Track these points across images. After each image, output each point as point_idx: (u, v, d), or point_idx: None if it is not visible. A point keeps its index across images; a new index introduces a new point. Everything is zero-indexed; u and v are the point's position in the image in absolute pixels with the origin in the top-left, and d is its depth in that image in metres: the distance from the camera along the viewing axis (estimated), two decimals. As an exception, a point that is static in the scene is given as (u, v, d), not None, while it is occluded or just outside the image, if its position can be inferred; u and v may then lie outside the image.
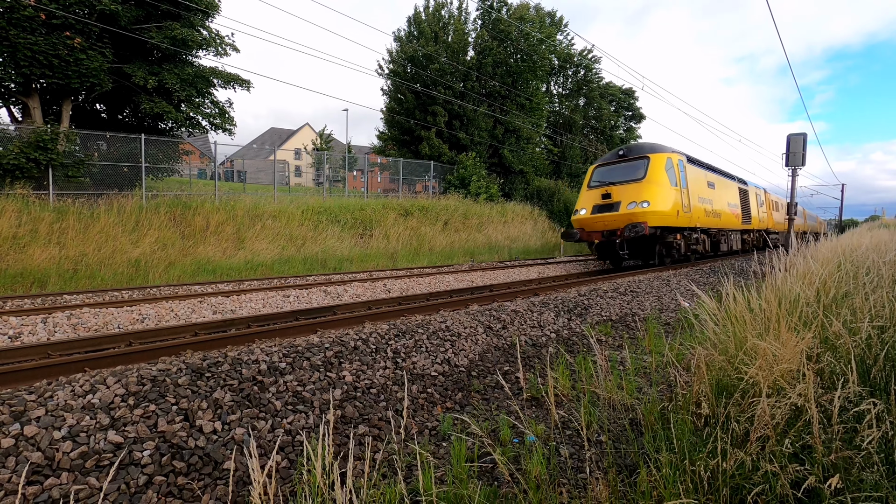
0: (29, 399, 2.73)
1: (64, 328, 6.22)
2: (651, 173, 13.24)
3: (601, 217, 13.50)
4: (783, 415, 2.25)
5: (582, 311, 7.08)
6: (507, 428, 3.36)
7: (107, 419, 2.70)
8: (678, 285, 10.30)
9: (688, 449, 2.35)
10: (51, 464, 2.40)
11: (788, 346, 2.54)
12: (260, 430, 3.00)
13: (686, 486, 2.13)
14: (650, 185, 13.05)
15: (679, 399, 2.96)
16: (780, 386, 2.50)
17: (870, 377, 2.82)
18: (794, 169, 15.92)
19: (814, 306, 3.45)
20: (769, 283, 4.16)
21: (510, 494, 2.57)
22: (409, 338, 4.74)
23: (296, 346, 4.06)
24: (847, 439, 2.33)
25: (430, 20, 25.64)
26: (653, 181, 13.10)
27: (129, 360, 4.37)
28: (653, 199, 12.79)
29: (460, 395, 4.18)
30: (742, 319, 3.28)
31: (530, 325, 6.00)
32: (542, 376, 4.56)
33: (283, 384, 3.47)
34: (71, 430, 2.57)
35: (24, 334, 5.87)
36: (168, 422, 2.81)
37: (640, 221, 12.46)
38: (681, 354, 4.08)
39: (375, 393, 3.77)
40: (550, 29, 29.19)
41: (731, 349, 3.08)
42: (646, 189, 13.02)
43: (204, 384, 3.22)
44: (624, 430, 3.18)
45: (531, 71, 26.42)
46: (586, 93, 35.12)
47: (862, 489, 2.05)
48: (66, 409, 2.70)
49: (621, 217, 12.97)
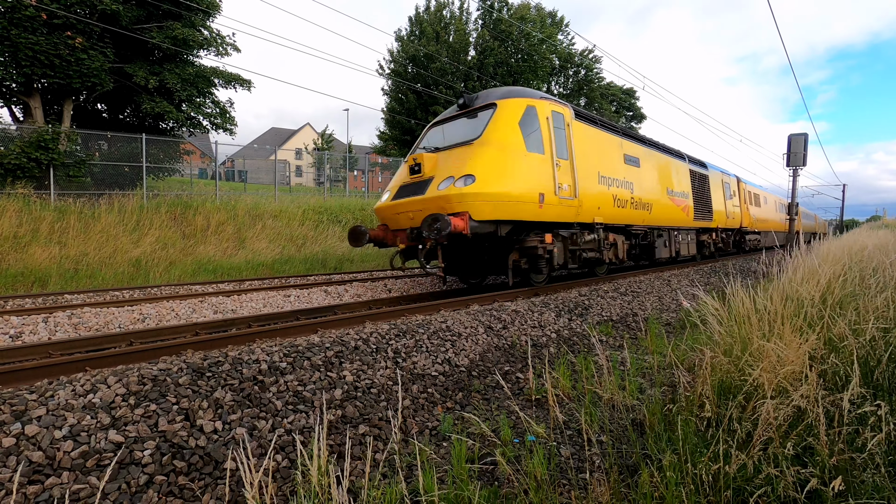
0: (30, 398, 2.73)
1: (65, 327, 6.22)
2: (492, 130, 7.84)
3: (404, 204, 7.91)
4: (786, 417, 2.24)
5: (583, 311, 7.07)
6: (508, 428, 3.35)
7: (108, 419, 2.70)
8: (679, 285, 10.29)
9: (690, 451, 2.34)
10: (52, 463, 2.39)
11: (792, 347, 2.53)
12: (260, 430, 2.99)
13: (688, 488, 2.12)
14: (484, 148, 7.66)
15: (682, 400, 2.95)
16: (783, 387, 2.49)
17: (873, 378, 2.81)
18: (795, 169, 15.89)
19: (819, 307, 3.44)
20: (774, 283, 4.15)
21: (511, 494, 2.57)
22: (409, 337, 4.73)
23: (296, 345, 4.05)
24: (850, 441, 2.32)
25: (432, 20, 25.65)
26: (491, 142, 7.71)
27: (130, 359, 4.37)
28: (482, 173, 7.33)
29: (461, 394, 4.17)
30: (747, 320, 3.27)
31: (531, 325, 5.99)
32: (543, 376, 4.55)
33: (284, 384, 3.47)
34: (72, 429, 2.57)
35: (25, 333, 5.87)
36: (169, 421, 2.81)
37: (456, 211, 7.14)
38: (683, 355, 4.07)
39: (376, 393, 3.76)
40: (551, 29, 29.20)
41: (734, 350, 3.07)
42: (475, 156, 7.57)
43: (205, 384, 3.21)
44: (626, 431, 3.17)
45: (532, 71, 26.42)
46: (587, 92, 35.13)
47: (864, 491, 2.04)
48: (67, 409, 2.70)
49: (428, 203, 7.49)
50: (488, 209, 7.26)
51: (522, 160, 7.81)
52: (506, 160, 7.64)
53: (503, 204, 7.40)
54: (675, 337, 5.48)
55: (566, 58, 33.34)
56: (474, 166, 7.40)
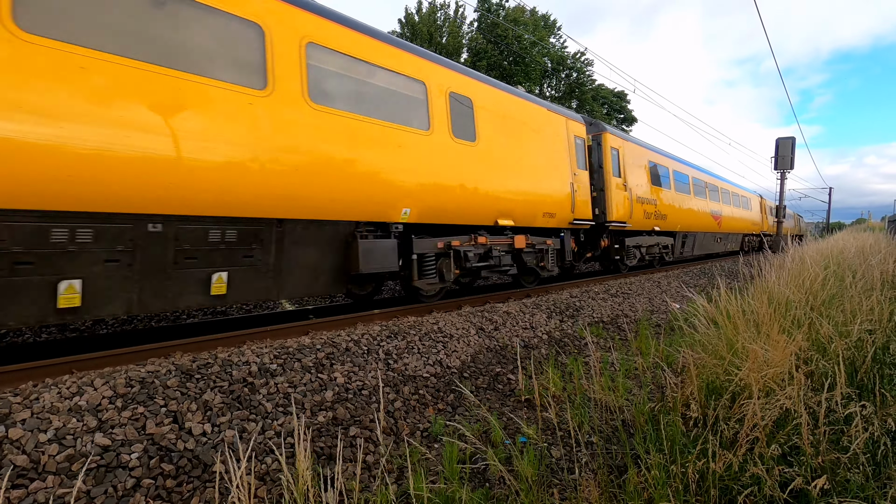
0: (14, 401, 2.69)
1: (51, 329, 6.13)
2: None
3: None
4: (772, 417, 2.27)
5: (574, 312, 7.10)
6: (499, 430, 3.35)
7: (94, 421, 2.66)
8: (668, 287, 10.37)
9: (678, 450, 2.37)
10: (36, 467, 2.36)
11: (779, 348, 2.57)
12: (250, 432, 2.97)
13: (675, 487, 2.14)
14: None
15: (668, 401, 2.98)
16: (769, 388, 2.52)
17: (858, 379, 2.86)
18: (782, 172, 16.10)
19: (805, 308, 3.49)
20: (759, 285, 4.21)
21: (502, 495, 2.57)
22: (400, 339, 4.73)
23: (287, 347, 4.03)
24: (834, 440, 2.35)
25: (425, 20, 25.69)
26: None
27: (118, 361, 4.32)
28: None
29: (452, 396, 4.17)
30: (733, 321, 3.31)
31: (522, 327, 6.01)
32: (535, 377, 4.57)
33: (274, 385, 3.45)
34: (57, 432, 2.53)
35: (10, 335, 5.78)
36: (157, 424, 2.78)
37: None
38: (671, 356, 4.11)
39: (367, 395, 3.75)
40: (543, 32, 29.37)
41: (721, 351, 3.10)
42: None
43: (193, 386, 3.19)
44: (615, 431, 3.19)
45: (525, 73, 26.55)
46: (579, 95, 35.34)
47: (849, 489, 2.08)
48: (52, 412, 2.66)
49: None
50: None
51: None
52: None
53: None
54: (664, 338, 5.53)
55: (558, 61, 33.54)
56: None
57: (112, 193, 3.72)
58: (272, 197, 4.67)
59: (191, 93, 4.10)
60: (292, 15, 4.95)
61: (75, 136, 3.49)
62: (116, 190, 3.73)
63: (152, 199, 3.93)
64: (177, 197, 4.05)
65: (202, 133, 4.15)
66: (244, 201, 4.49)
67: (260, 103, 4.57)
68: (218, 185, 4.27)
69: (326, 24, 5.30)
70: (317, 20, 5.19)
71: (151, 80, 3.88)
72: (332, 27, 5.36)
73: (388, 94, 5.96)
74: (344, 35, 5.48)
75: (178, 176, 4.01)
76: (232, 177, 4.35)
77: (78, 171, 3.52)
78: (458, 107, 6.92)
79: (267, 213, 4.70)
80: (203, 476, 2.63)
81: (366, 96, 5.66)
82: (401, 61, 6.15)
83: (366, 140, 5.52)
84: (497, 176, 7.43)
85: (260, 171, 4.53)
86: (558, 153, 8.98)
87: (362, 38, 5.69)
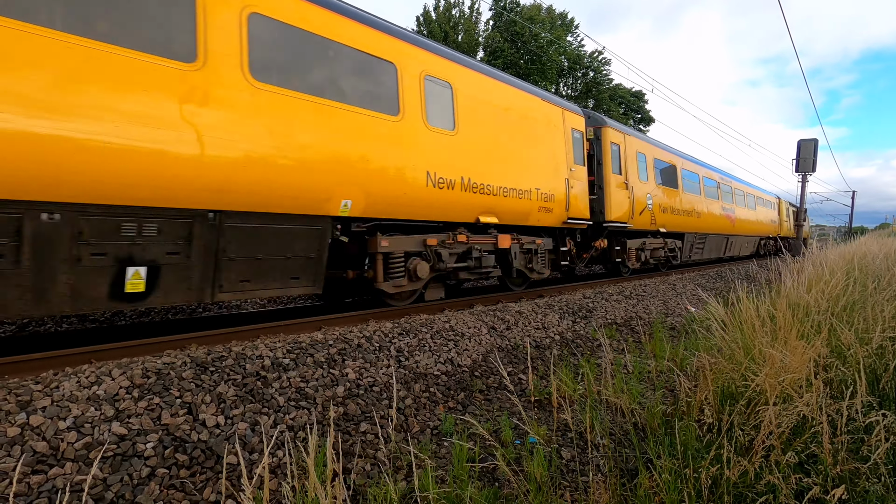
0: (35, 389, 2.75)
1: (71, 319, 6.27)
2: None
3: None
4: (789, 424, 2.23)
5: (587, 313, 7.05)
6: (509, 429, 3.34)
7: (111, 411, 2.72)
8: (684, 290, 10.23)
9: (691, 455, 2.33)
10: (55, 453, 2.41)
11: (797, 353, 2.52)
12: (262, 426, 3.01)
13: (688, 492, 2.11)
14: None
15: (682, 405, 2.94)
16: (787, 394, 2.47)
17: (878, 386, 2.78)
18: (804, 175, 15.77)
19: (825, 314, 3.41)
20: (779, 289, 4.12)
21: (511, 496, 2.57)
22: (412, 336, 4.74)
23: (300, 342, 4.07)
24: (854, 450, 2.30)
25: (441, 19, 25.66)
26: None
27: (135, 352, 4.40)
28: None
29: (463, 394, 4.17)
30: (751, 326, 3.25)
31: (534, 327, 5.98)
32: (546, 378, 4.54)
33: (287, 380, 3.48)
34: (76, 420, 2.59)
35: (31, 325, 5.93)
36: (172, 415, 2.82)
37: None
38: (686, 359, 4.05)
39: (378, 391, 3.77)
40: (560, 30, 29.13)
41: (737, 356, 3.05)
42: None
43: (208, 378, 3.23)
44: (627, 434, 3.16)
45: (541, 72, 26.39)
46: (595, 94, 35.00)
47: (868, 500, 2.03)
48: (71, 400, 2.72)
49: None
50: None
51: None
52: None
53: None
54: (680, 341, 5.46)
55: (575, 59, 33.25)
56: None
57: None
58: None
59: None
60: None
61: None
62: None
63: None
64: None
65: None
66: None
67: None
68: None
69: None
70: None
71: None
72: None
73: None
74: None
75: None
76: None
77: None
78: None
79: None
80: (216, 467, 2.67)
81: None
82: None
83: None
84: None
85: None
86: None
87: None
